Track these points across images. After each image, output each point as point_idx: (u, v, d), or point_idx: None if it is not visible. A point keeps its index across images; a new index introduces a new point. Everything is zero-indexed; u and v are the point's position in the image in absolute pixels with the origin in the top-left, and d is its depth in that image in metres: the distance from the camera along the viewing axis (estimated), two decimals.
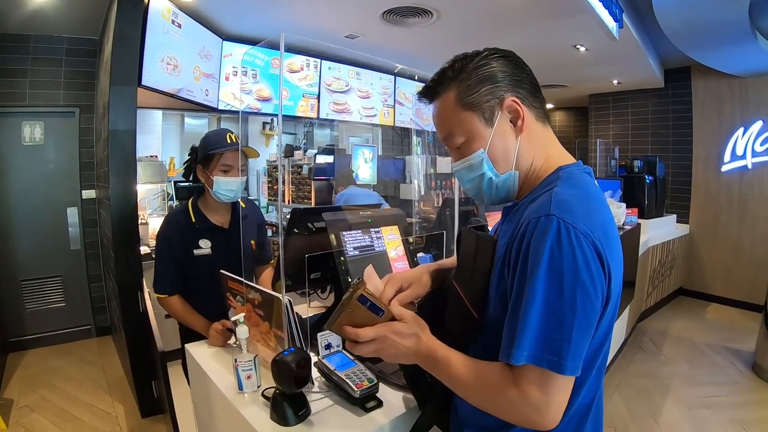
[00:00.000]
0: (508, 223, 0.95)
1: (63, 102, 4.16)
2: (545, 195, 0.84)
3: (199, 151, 1.90)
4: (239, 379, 1.24)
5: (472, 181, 0.96)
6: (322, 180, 5.18)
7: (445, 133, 0.96)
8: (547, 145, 0.96)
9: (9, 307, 4.03)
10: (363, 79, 5.50)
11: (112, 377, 3.59)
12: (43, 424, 2.93)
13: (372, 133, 6.97)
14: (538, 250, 0.77)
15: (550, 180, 0.90)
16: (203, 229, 1.91)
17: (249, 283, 1.36)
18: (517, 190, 0.96)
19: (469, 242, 0.94)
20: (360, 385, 1.15)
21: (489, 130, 0.91)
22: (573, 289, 0.75)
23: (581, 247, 0.76)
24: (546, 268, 0.76)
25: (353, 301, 0.87)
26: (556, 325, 0.75)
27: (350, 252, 1.64)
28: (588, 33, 4.02)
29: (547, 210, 0.79)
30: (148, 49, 3.25)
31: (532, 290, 0.76)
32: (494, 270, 0.90)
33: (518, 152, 0.92)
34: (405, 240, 1.89)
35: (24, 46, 3.98)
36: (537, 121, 0.94)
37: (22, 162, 4.09)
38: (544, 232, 0.77)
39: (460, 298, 0.91)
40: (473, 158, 0.93)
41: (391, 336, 0.88)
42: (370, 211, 1.89)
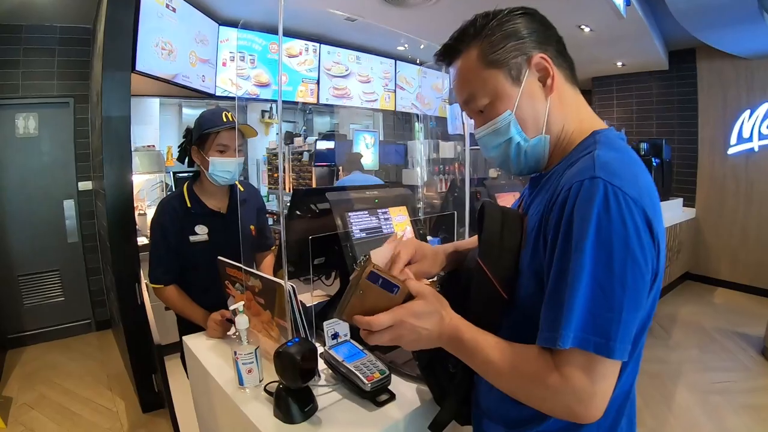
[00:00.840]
0: (539, 193, 0.86)
1: (57, 92, 4.06)
2: (585, 158, 0.76)
3: (194, 131, 1.80)
4: (240, 374, 1.15)
5: (498, 148, 0.88)
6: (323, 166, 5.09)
7: (466, 95, 0.87)
8: (579, 108, 0.88)
9: (6, 302, 3.95)
10: (363, 63, 5.39)
11: (113, 371, 3.52)
12: (42, 421, 2.87)
13: (373, 119, 6.86)
14: (584, 217, 0.68)
15: (586, 144, 0.82)
16: (199, 214, 1.81)
17: (249, 269, 1.27)
18: (548, 157, 0.87)
19: (493, 217, 0.86)
20: (371, 377, 1.06)
21: (516, 90, 0.83)
22: (623, 262, 0.67)
23: (631, 213, 0.68)
24: (593, 237, 0.67)
25: (363, 281, 0.77)
26: (605, 302, 0.67)
27: (356, 234, 1.55)
28: (594, 11, 3.90)
29: (591, 172, 0.70)
30: (142, 33, 3.14)
31: (577, 263, 0.68)
32: (525, 246, 0.82)
33: (548, 114, 0.84)
34: (414, 221, 1.80)
35: (15, 36, 3.87)
36: (567, 82, 0.86)
37: (17, 155, 4.00)
38: (589, 198, 0.68)
39: (487, 277, 0.82)
40: (499, 121, 0.84)
41: (410, 320, 0.77)
42: (377, 191, 1.78)
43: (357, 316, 0.78)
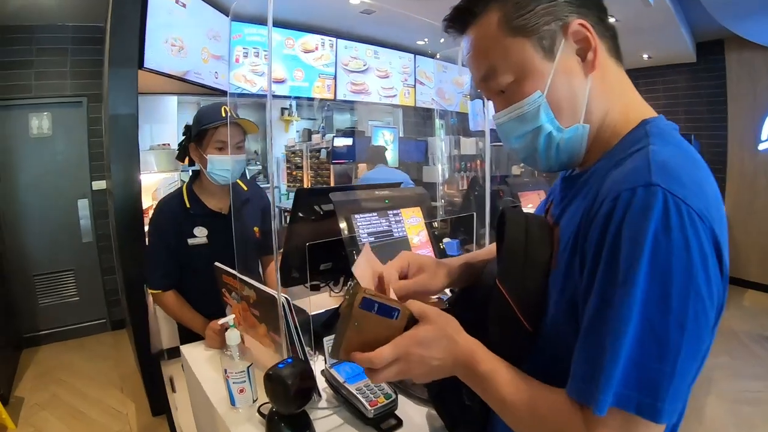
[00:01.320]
0: (575, 198, 0.70)
1: (70, 92, 4.03)
2: (637, 156, 0.60)
3: (192, 127, 1.70)
4: (231, 393, 1.05)
5: (523, 138, 0.71)
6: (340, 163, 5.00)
7: (484, 69, 0.70)
8: (625, 91, 0.71)
9: (22, 302, 3.94)
10: (381, 58, 5.27)
11: (125, 372, 3.48)
12: (52, 422, 2.83)
13: (393, 116, 6.73)
14: (637, 237, 0.53)
15: (635, 137, 0.65)
16: (199, 215, 1.72)
17: (243, 277, 1.16)
18: (585, 150, 0.71)
19: (516, 226, 0.71)
20: (375, 402, 0.95)
21: (548, 66, 0.66)
22: (684, 298, 0.52)
23: (697, 234, 0.53)
24: (647, 265, 0.52)
25: (355, 310, 0.64)
26: (656, 350, 0.53)
27: (364, 238, 1.43)
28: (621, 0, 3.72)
29: (647, 177, 0.55)
30: (150, 30, 3.06)
31: (624, 298, 0.53)
32: (556, 266, 0.66)
33: (589, 97, 0.67)
34: (429, 223, 1.67)
35: (28, 36, 3.86)
36: (610, 56, 0.69)
37: (31, 154, 3.98)
38: (644, 212, 0.53)
39: (507, 303, 0.68)
40: (526, 104, 0.67)
41: (417, 350, 0.64)
42: (388, 191, 1.65)
43: (356, 353, 0.65)
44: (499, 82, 0.69)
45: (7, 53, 3.80)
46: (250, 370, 1.06)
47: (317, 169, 5.59)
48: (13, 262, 3.90)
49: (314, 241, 1.37)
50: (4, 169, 3.88)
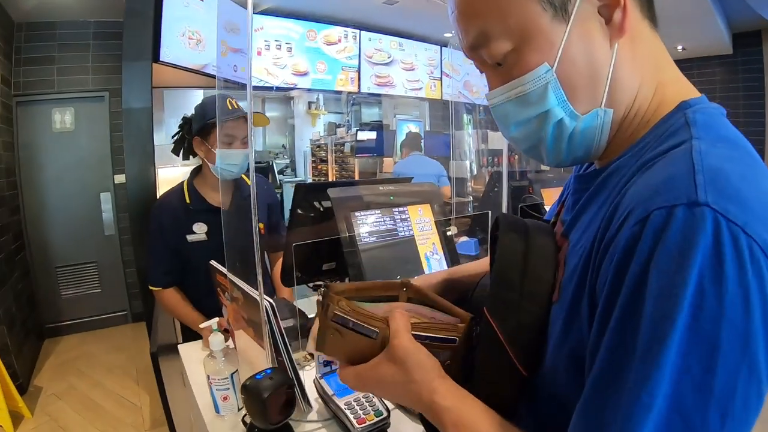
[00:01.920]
0: (589, 204, 0.55)
1: (92, 86, 4.08)
2: (675, 157, 0.44)
3: (195, 120, 1.65)
4: (214, 400, 1.00)
5: (526, 126, 0.54)
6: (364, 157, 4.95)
7: (473, 34, 0.53)
8: (660, 64, 0.54)
9: (45, 293, 4.02)
10: (406, 50, 5.18)
11: (142, 365, 3.49)
12: (67, 412, 2.87)
13: (419, 110, 6.64)
14: (673, 282, 0.37)
15: (670, 126, 0.49)
16: (199, 211, 1.67)
17: (232, 277, 1.10)
18: (606, 141, 0.54)
19: (512, 241, 0.56)
20: (363, 419, 0.88)
21: (560, 29, 0.49)
22: (733, 375, 0.37)
23: (761, 280, 0.37)
24: (685, 326, 0.37)
25: (330, 323, 0.56)
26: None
27: (365, 239, 1.35)
28: None
29: (690, 192, 0.39)
30: (166, 22, 3.05)
31: (652, 375, 0.38)
32: (560, 298, 0.52)
33: (614, 73, 0.50)
34: (439, 222, 1.56)
35: (50, 32, 3.92)
36: (643, 17, 0.53)
37: (54, 149, 4.04)
38: (685, 245, 0.38)
39: (497, 338, 0.53)
40: (530, 81, 0.51)
41: (374, 386, 0.57)
42: (393, 186, 1.53)
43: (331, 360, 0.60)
44: (494, 50, 0.52)
45: (31, 49, 3.86)
46: (235, 377, 1.01)
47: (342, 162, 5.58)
48: (36, 254, 3.98)
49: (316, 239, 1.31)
50: (28, 163, 3.94)
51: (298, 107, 6.53)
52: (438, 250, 1.51)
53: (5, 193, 3.45)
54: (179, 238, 1.64)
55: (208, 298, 1.58)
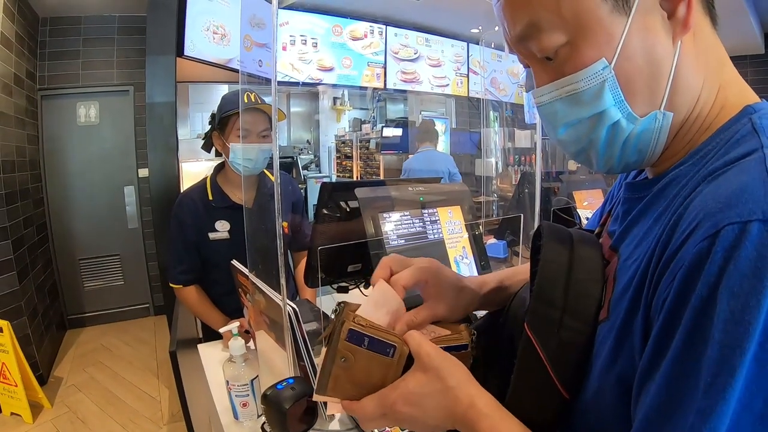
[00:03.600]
0: (643, 215, 0.50)
1: (117, 81, 4.12)
2: (747, 166, 0.40)
3: (216, 114, 1.63)
4: (233, 406, 0.97)
5: (577, 127, 0.50)
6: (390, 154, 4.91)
7: (522, 24, 0.48)
8: (722, 64, 0.49)
9: (68, 285, 4.08)
10: (433, 46, 5.10)
11: (163, 358, 3.52)
12: (86, 404, 2.90)
13: (445, 106, 6.56)
14: (745, 309, 0.34)
15: (735, 132, 0.45)
16: (221, 208, 1.64)
17: (254, 279, 1.07)
18: (662, 149, 0.50)
19: (556, 253, 0.51)
20: None
21: (620, 22, 0.45)
22: None
23: None
24: (758, 349, 0.33)
25: (342, 343, 0.51)
26: None
27: (393, 241, 1.30)
28: None
29: (764, 205, 0.35)
30: (190, 17, 3.04)
31: (716, 410, 0.34)
32: (608, 316, 0.47)
33: (676, 73, 0.46)
34: (470, 225, 1.50)
35: (75, 27, 3.97)
36: (705, 14, 0.48)
37: (79, 142, 4.08)
38: (760, 264, 0.34)
39: (538, 356, 0.49)
40: (584, 79, 0.47)
41: (404, 408, 0.50)
42: (424, 187, 1.46)
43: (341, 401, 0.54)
44: (545, 43, 0.47)
45: (55, 44, 3.91)
46: (255, 383, 0.97)
47: (366, 159, 5.55)
48: (59, 246, 4.04)
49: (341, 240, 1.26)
50: (52, 156, 3.99)
51: (323, 103, 6.53)
52: (468, 254, 1.45)
53: (29, 186, 3.50)
54: (201, 236, 1.62)
55: (229, 297, 1.55)
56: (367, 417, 0.53)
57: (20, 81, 3.40)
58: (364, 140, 5.48)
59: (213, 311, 1.60)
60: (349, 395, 0.54)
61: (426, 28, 4.98)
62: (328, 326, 0.54)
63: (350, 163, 5.72)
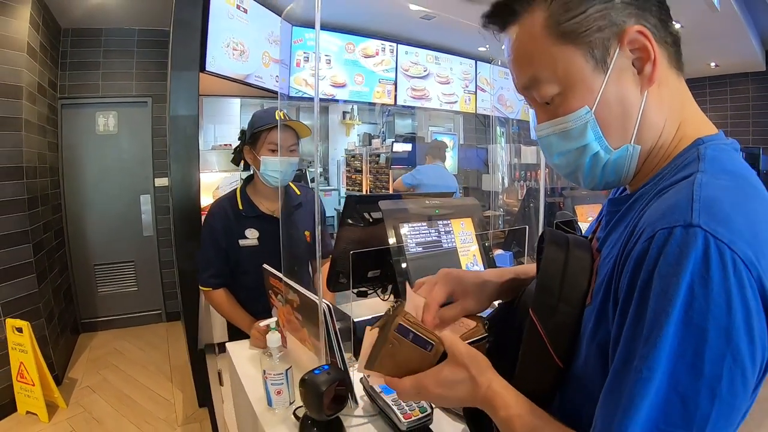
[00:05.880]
0: (619, 223, 0.63)
1: (135, 92, 4.26)
2: (681, 187, 0.53)
3: (247, 131, 1.76)
4: (268, 394, 1.07)
5: (567, 156, 0.64)
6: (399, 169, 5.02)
7: (526, 78, 0.63)
8: (683, 105, 0.63)
9: (82, 289, 4.19)
10: (442, 63, 5.24)
11: (176, 363, 3.61)
12: (101, 405, 2.98)
13: (453, 122, 6.69)
14: (669, 286, 0.47)
15: (685, 160, 0.58)
16: (251, 217, 1.76)
17: (288, 281, 1.18)
18: (634, 171, 0.64)
19: (555, 253, 0.64)
20: (409, 415, 0.94)
21: (599, 78, 0.58)
22: (719, 361, 0.46)
23: (741, 287, 0.46)
24: (679, 320, 0.46)
25: (392, 333, 0.64)
26: (682, 416, 0.46)
27: (412, 248, 1.43)
28: (686, 4, 3.56)
29: (687, 216, 0.48)
30: (212, 34, 3.18)
31: (651, 354, 0.47)
32: (592, 302, 0.60)
33: (643, 116, 0.59)
34: (480, 236, 1.64)
35: (96, 39, 4.12)
36: (670, 66, 0.61)
37: (97, 151, 4.22)
38: (680, 256, 0.47)
39: (539, 334, 0.62)
40: (572, 121, 0.61)
41: (436, 390, 0.65)
42: (439, 200, 1.63)
43: (383, 375, 0.68)
44: (543, 93, 0.62)
45: (77, 54, 4.06)
46: (289, 373, 1.08)
47: (376, 173, 5.64)
48: (75, 251, 4.16)
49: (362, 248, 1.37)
50: (71, 164, 4.13)
51: (333, 117, 6.65)
52: (478, 261, 1.57)
53: (48, 192, 3.60)
54: (231, 243, 1.73)
55: (256, 300, 1.66)
56: (404, 392, 0.67)
57: (43, 90, 3.52)
58: (373, 154, 5.59)
59: (241, 312, 1.71)
60: (391, 373, 0.68)
61: (435, 46, 5.12)
62: (383, 317, 0.68)
63: (360, 177, 5.82)
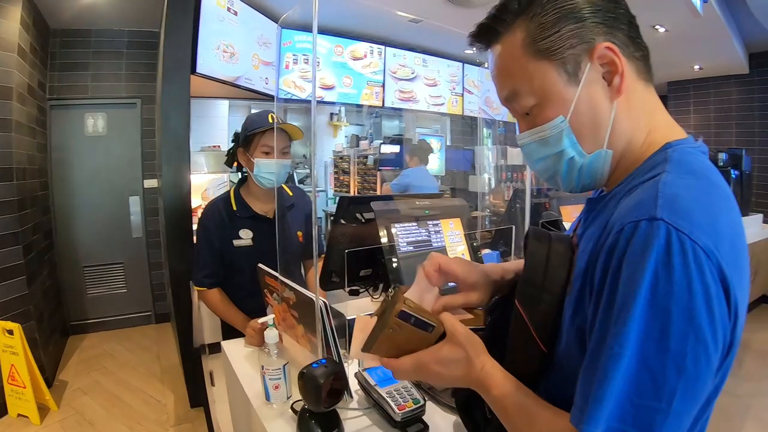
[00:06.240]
0: (595, 220, 0.69)
1: (125, 93, 4.24)
2: (648, 186, 0.60)
3: (240, 133, 1.79)
4: (266, 389, 1.10)
5: (545, 161, 0.71)
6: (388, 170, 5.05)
7: (507, 91, 0.70)
8: (652, 113, 0.69)
9: (71, 291, 4.16)
10: (430, 66, 5.30)
11: (167, 364, 3.61)
12: (92, 407, 2.97)
13: (440, 123, 6.74)
14: (635, 274, 0.53)
15: (653, 162, 0.65)
16: (244, 218, 1.80)
17: (284, 279, 1.22)
18: (608, 174, 0.70)
19: (538, 248, 0.71)
20: (403, 406, 0.98)
21: (572, 90, 0.65)
22: (683, 339, 0.51)
23: (701, 273, 0.51)
24: (645, 303, 0.52)
25: (393, 319, 0.68)
26: (652, 388, 0.52)
27: (403, 247, 1.47)
28: (670, 9, 3.64)
29: (652, 211, 0.54)
30: (203, 36, 3.20)
31: (621, 333, 0.53)
32: (571, 291, 0.66)
33: (613, 123, 0.66)
34: (468, 235, 1.69)
35: (86, 40, 4.09)
36: (638, 78, 0.67)
37: (86, 152, 4.20)
38: (645, 246, 0.53)
39: (524, 322, 0.68)
40: (549, 129, 0.67)
41: (434, 367, 0.69)
42: (429, 201, 1.69)
43: (382, 358, 0.72)
44: (522, 104, 0.69)
45: (66, 55, 4.04)
46: (286, 368, 1.11)
47: (364, 175, 5.65)
48: (64, 253, 4.13)
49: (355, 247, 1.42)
50: (60, 165, 4.10)
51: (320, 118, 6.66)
52: (466, 258, 1.61)
53: (37, 193, 3.58)
54: (225, 243, 1.76)
55: (250, 298, 1.70)
56: (402, 370, 0.71)
57: (32, 91, 3.49)
58: (361, 156, 5.61)
59: (235, 311, 1.74)
60: (388, 355, 0.72)
61: (423, 48, 5.17)
62: (381, 304, 0.72)
63: (348, 179, 5.84)
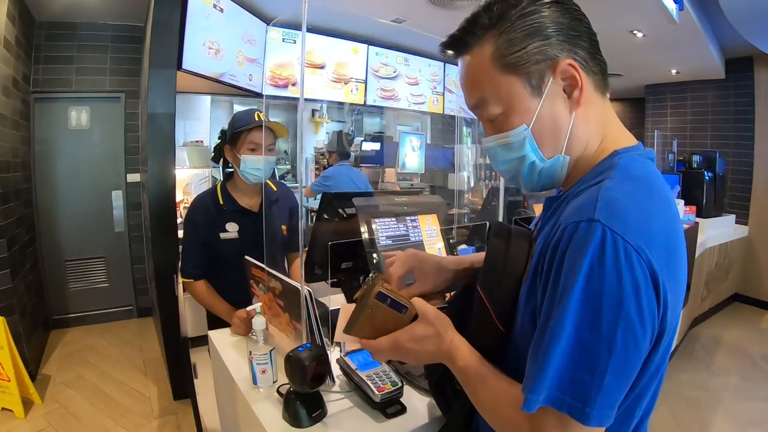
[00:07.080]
0: (551, 218, 0.77)
1: (109, 87, 4.23)
2: (592, 190, 0.67)
3: (228, 130, 1.85)
4: (254, 373, 1.17)
5: (509, 163, 0.78)
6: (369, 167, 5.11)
7: (475, 99, 0.77)
8: (606, 123, 0.77)
9: (53, 286, 4.15)
10: (411, 65, 5.36)
11: (149, 358, 3.64)
12: (77, 400, 2.99)
13: (421, 121, 6.81)
14: (574, 266, 0.61)
15: (601, 168, 0.73)
16: (231, 211, 1.86)
17: (270, 270, 1.28)
18: (565, 176, 0.78)
19: (499, 239, 0.80)
20: (382, 388, 1.06)
21: (535, 102, 0.72)
22: (613, 323, 0.59)
23: (631, 268, 0.59)
24: (581, 291, 0.60)
25: (371, 300, 0.76)
26: (586, 363, 0.60)
27: (382, 241, 1.55)
28: (646, 15, 3.75)
29: (590, 213, 0.62)
30: (189, 33, 3.22)
31: (560, 317, 0.61)
32: (526, 279, 0.75)
33: (571, 132, 0.73)
34: (444, 230, 1.77)
35: (70, 33, 4.07)
36: (596, 91, 0.75)
37: (69, 146, 4.18)
38: (582, 244, 0.61)
39: (485, 306, 0.77)
40: (512, 136, 0.74)
41: (409, 344, 0.77)
42: (407, 198, 1.78)
43: (361, 339, 0.80)
44: (489, 112, 0.75)
45: (50, 48, 4.01)
46: (272, 354, 1.18)
47: None
48: (46, 247, 4.12)
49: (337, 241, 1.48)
50: (43, 158, 4.08)
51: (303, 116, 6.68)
52: (443, 253, 1.71)
53: (20, 187, 3.57)
54: (213, 236, 1.82)
55: (235, 289, 1.76)
56: (380, 350, 0.79)
57: (17, 83, 3.47)
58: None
59: (221, 302, 1.80)
60: (367, 336, 0.80)
61: (405, 48, 5.24)
62: (360, 289, 0.80)
63: None
